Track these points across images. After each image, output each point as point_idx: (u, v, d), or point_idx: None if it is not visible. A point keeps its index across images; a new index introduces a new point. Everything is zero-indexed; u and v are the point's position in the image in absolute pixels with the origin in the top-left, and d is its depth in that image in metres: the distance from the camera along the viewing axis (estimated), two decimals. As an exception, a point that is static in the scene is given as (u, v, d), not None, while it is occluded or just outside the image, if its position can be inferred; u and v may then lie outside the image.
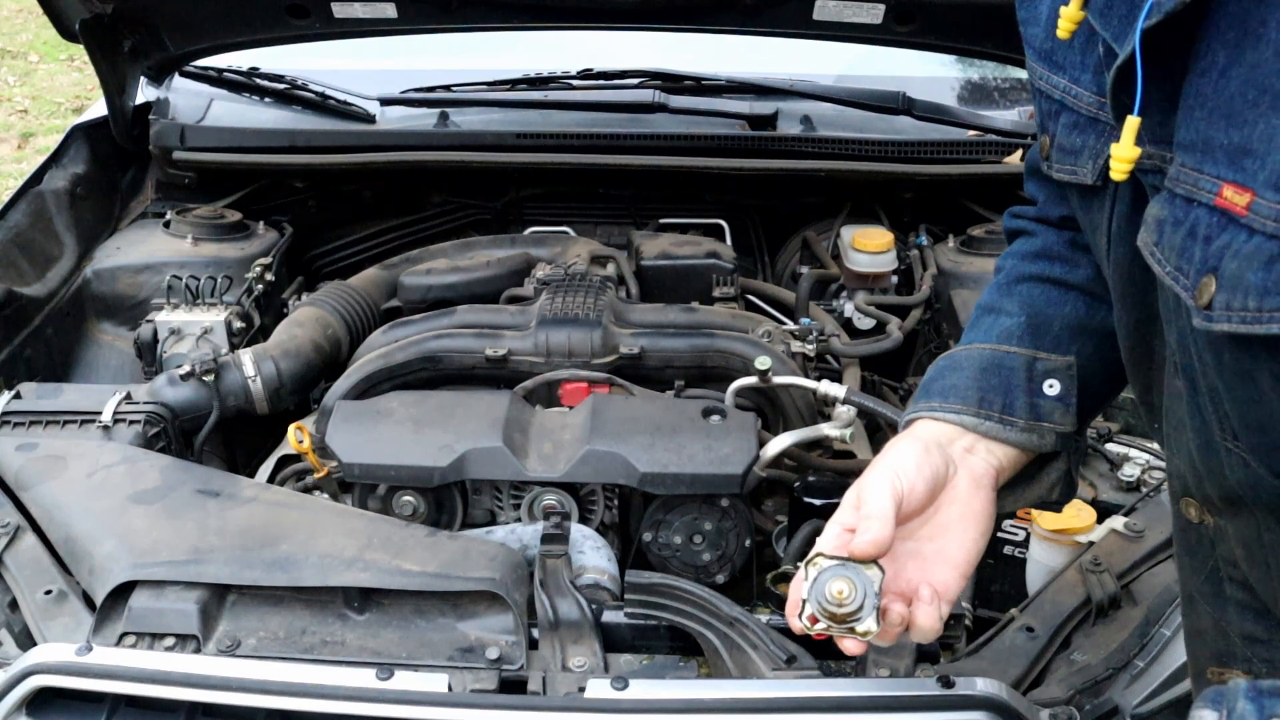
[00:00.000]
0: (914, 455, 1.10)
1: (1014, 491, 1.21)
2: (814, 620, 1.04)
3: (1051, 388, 1.15)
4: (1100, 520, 1.66)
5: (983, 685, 1.31)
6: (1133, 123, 0.89)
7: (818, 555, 1.05)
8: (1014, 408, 1.15)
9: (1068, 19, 0.96)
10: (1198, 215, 0.86)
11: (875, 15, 2.46)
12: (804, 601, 1.05)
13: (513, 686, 1.41)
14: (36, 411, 1.89)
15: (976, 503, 1.12)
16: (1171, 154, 0.89)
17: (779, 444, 1.83)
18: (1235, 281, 0.82)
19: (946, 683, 1.31)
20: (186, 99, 2.80)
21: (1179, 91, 0.87)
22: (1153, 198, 0.92)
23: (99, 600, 1.47)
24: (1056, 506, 1.66)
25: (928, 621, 1.07)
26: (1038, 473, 1.21)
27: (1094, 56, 0.98)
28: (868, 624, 1.02)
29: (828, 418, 1.96)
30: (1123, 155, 0.90)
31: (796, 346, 2.12)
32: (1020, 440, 1.15)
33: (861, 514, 1.06)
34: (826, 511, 1.73)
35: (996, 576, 1.83)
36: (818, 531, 1.69)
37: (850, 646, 1.06)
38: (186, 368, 1.99)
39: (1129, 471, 1.79)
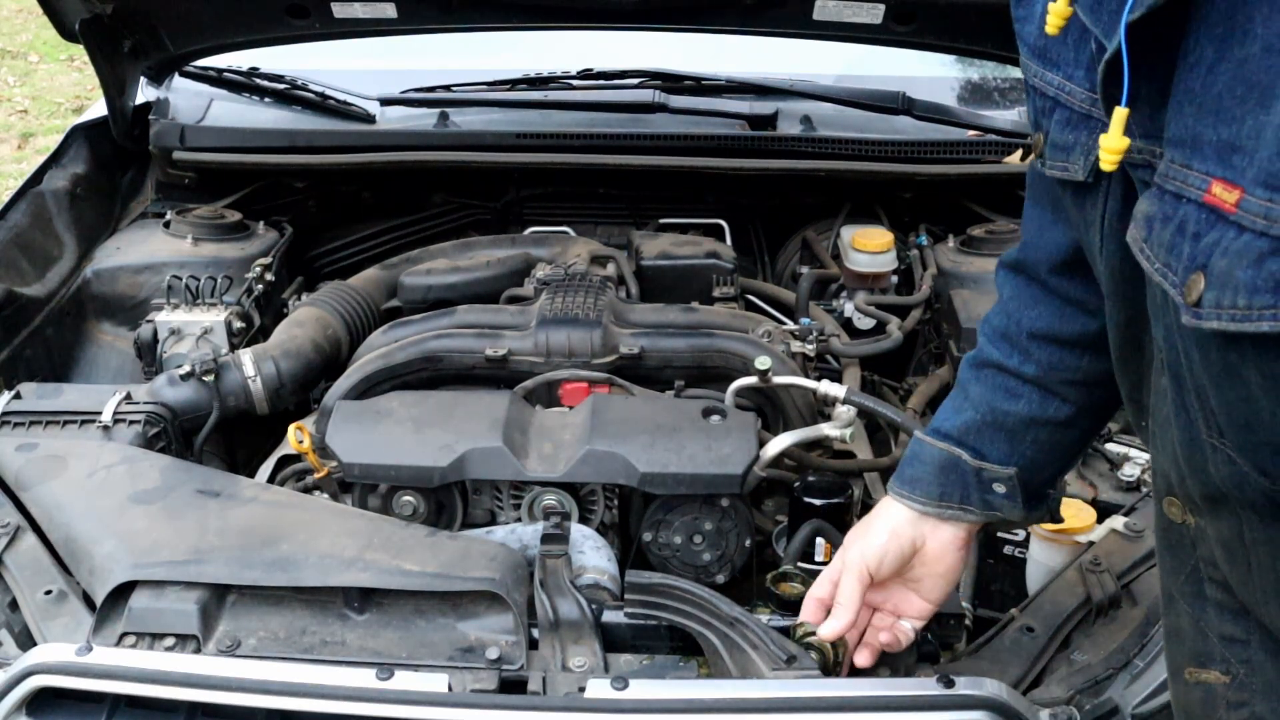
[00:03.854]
0: (881, 543, 1.36)
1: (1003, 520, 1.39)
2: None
3: (999, 488, 1.32)
4: (1100, 520, 1.67)
5: (983, 685, 1.31)
6: (1120, 114, 0.89)
7: (804, 627, 1.42)
8: (970, 500, 1.33)
9: (1056, 14, 0.97)
10: (1186, 211, 0.86)
11: (875, 15, 2.46)
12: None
13: (513, 686, 1.41)
14: (36, 411, 1.89)
15: (942, 565, 1.37)
16: (1161, 149, 0.89)
17: (779, 444, 1.83)
18: (1225, 279, 0.82)
19: (947, 683, 1.32)
20: (186, 99, 2.80)
21: (1169, 86, 0.87)
22: (1142, 193, 0.93)
23: (99, 600, 1.47)
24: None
25: (902, 638, 1.42)
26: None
27: (1086, 53, 0.99)
28: None
29: (828, 418, 1.96)
30: (1111, 146, 0.91)
31: (796, 346, 2.11)
32: (981, 520, 1.35)
33: (836, 601, 1.37)
34: (826, 511, 1.74)
35: (996, 576, 1.83)
36: (818, 531, 1.72)
37: None
38: (186, 368, 1.99)
39: (1129, 471, 1.79)
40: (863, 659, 1.42)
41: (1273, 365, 0.84)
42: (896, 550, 1.35)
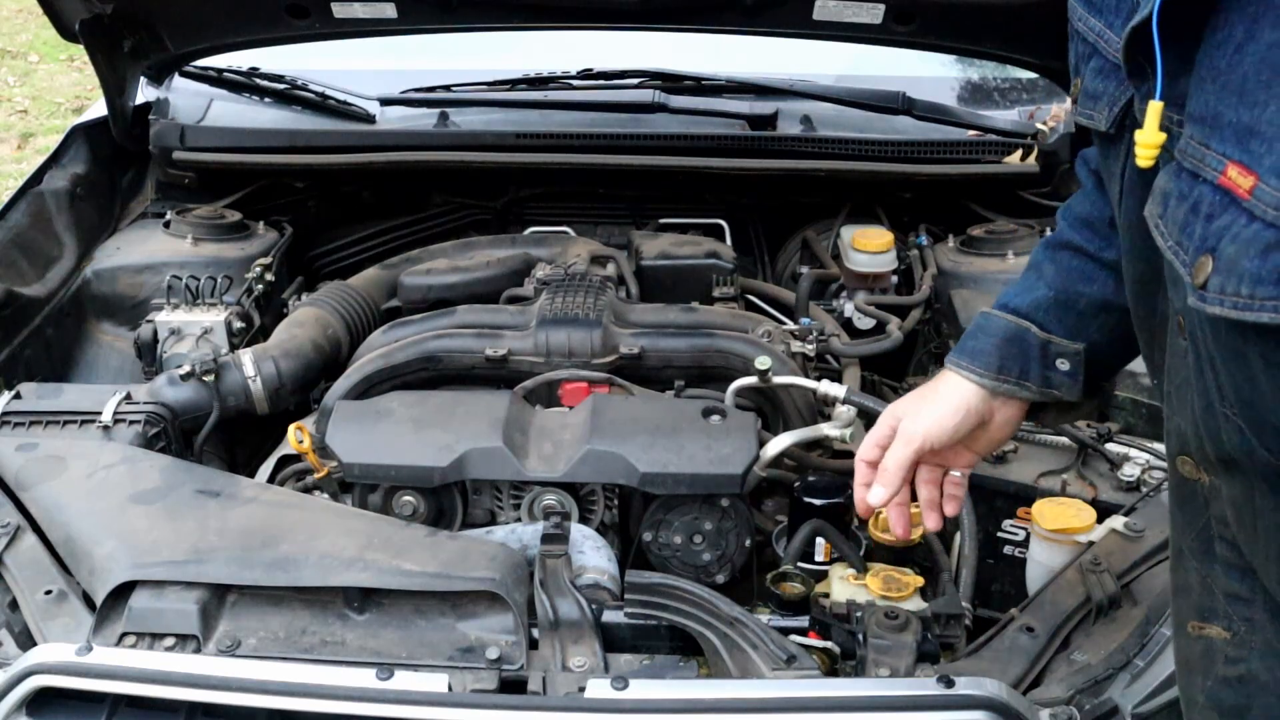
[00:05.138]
0: (955, 423, 1.32)
1: (1053, 413, 1.42)
2: None
3: (1063, 365, 1.29)
4: (1100, 520, 1.66)
5: (983, 685, 1.31)
6: (1155, 108, 0.89)
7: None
8: (1029, 375, 1.31)
9: None
10: (1201, 191, 0.86)
11: (875, 15, 2.46)
12: None
13: (513, 686, 1.41)
14: (36, 411, 1.89)
15: (1000, 434, 1.37)
16: (1181, 117, 0.89)
17: (779, 444, 1.83)
18: (1231, 266, 0.82)
19: (947, 683, 1.32)
20: (186, 99, 2.81)
21: (1194, 55, 0.87)
22: (1163, 165, 0.93)
23: (99, 600, 1.47)
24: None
25: (955, 489, 1.42)
26: (1073, 405, 1.40)
27: (1128, 3, 0.99)
28: None
29: (828, 418, 1.96)
30: (1147, 141, 0.91)
31: (796, 346, 2.11)
32: (1035, 399, 1.32)
33: (882, 468, 1.33)
34: (826, 511, 1.74)
35: (996, 576, 1.83)
36: (818, 531, 1.72)
37: None
38: (186, 368, 1.99)
39: (1129, 471, 1.79)
40: (933, 522, 1.42)
41: (1274, 353, 0.85)
42: (966, 428, 1.33)
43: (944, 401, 1.33)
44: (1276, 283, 0.80)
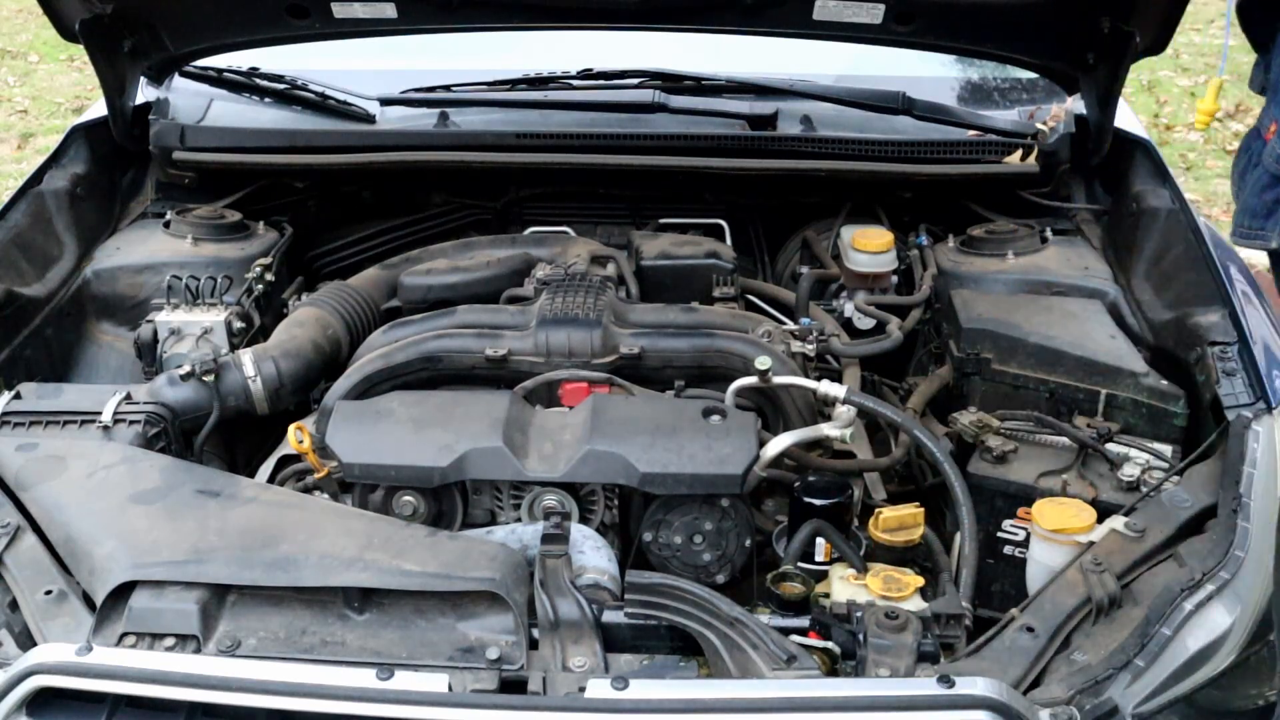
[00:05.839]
0: None
1: None
2: None
3: None
4: (1100, 520, 1.67)
5: (983, 685, 1.31)
6: (1215, 83, 1.07)
7: None
8: None
9: None
10: (1256, 146, 1.09)
11: (875, 15, 2.46)
12: None
13: (513, 686, 1.41)
14: (36, 411, 1.89)
15: None
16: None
17: (779, 444, 1.83)
18: (1245, 203, 1.10)
19: (947, 683, 1.32)
20: (186, 99, 2.81)
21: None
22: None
23: (99, 600, 1.47)
24: None
25: None
26: None
27: None
28: None
29: (828, 418, 1.96)
30: (1204, 108, 1.10)
31: (796, 346, 2.11)
32: None
33: None
34: (826, 511, 1.74)
35: (996, 576, 1.83)
36: (818, 531, 1.71)
37: None
38: (186, 368, 1.99)
39: (1129, 471, 1.79)
40: None
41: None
42: None
43: None
44: (1265, 216, 1.07)
